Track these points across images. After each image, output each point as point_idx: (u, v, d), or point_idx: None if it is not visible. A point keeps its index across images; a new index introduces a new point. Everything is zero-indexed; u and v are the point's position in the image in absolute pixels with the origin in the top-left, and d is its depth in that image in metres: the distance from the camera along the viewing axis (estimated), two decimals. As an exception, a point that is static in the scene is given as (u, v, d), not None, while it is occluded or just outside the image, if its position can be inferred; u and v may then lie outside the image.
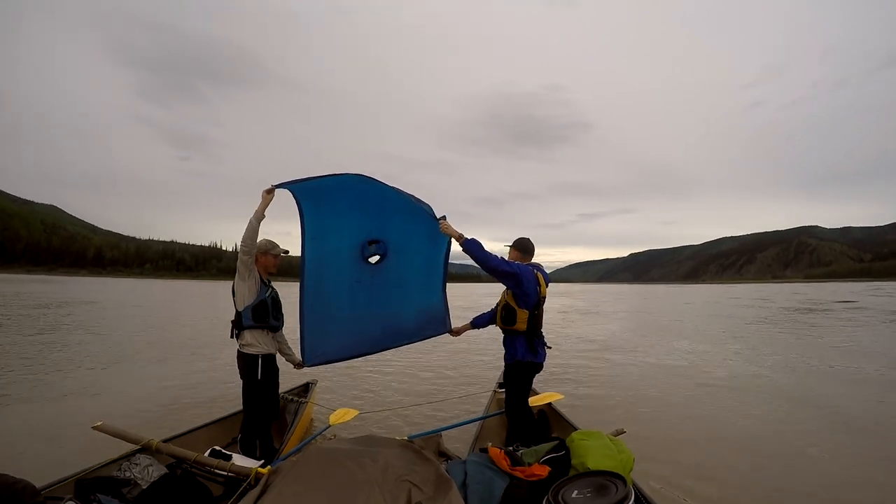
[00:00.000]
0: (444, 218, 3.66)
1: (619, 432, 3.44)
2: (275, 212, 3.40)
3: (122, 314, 19.20)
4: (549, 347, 3.71)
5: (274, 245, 3.56)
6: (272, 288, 3.60)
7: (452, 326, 4.20)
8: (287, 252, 3.64)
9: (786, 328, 15.99)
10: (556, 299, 40.24)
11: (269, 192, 3.30)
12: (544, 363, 3.65)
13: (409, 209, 3.73)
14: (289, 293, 3.73)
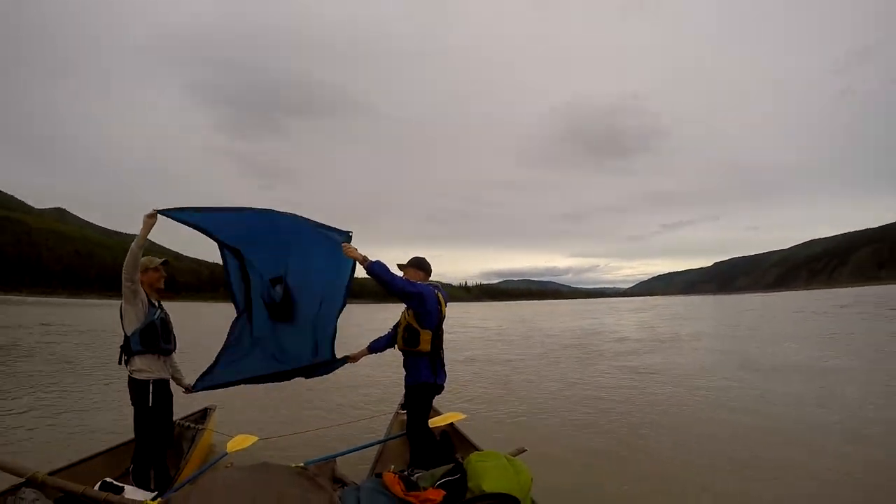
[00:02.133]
0: (348, 239, 3.65)
1: (520, 451, 3.42)
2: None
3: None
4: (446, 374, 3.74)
5: (151, 260, 3.50)
6: (161, 309, 3.51)
7: (348, 354, 4.07)
8: (166, 261, 3.58)
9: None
10: (631, 315, 36.22)
11: (151, 217, 3.23)
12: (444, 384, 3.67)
13: (313, 237, 3.71)
14: (182, 314, 3.61)
